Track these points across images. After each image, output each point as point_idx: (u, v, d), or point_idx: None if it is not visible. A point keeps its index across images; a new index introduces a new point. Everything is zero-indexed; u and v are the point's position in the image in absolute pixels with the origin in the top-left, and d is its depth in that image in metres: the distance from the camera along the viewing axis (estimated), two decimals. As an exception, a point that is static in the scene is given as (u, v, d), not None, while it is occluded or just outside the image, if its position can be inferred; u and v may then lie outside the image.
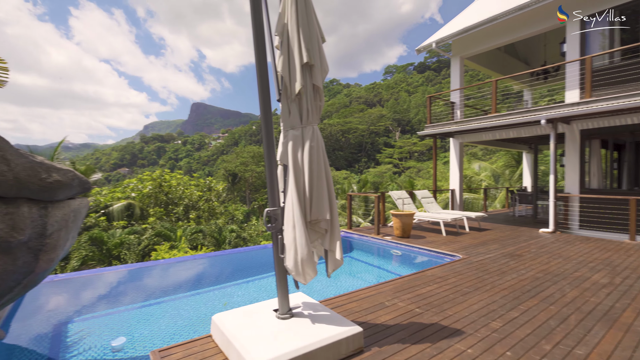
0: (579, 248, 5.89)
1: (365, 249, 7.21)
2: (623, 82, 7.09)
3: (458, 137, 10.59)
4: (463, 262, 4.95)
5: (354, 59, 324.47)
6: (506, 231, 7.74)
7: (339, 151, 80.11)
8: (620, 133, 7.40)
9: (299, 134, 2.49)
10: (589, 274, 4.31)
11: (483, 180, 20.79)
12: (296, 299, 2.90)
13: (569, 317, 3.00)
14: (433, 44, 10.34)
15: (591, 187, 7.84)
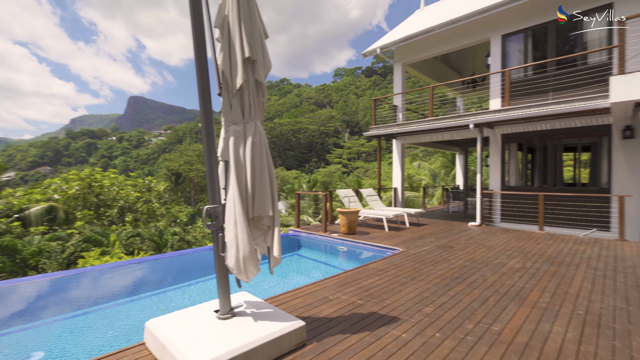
0: (500, 238, 6.66)
1: (313, 247, 7.32)
2: (535, 93, 8.18)
3: (400, 138, 11.26)
4: (402, 255, 5.29)
5: (305, 60, 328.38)
6: (441, 225, 8.44)
7: (289, 151, 79.87)
8: (532, 137, 8.52)
9: (241, 130, 2.45)
10: (506, 261, 4.90)
11: (423, 180, 22.39)
12: (239, 299, 2.85)
13: (489, 299, 3.38)
14: (377, 49, 10.85)
15: (510, 185, 8.91)
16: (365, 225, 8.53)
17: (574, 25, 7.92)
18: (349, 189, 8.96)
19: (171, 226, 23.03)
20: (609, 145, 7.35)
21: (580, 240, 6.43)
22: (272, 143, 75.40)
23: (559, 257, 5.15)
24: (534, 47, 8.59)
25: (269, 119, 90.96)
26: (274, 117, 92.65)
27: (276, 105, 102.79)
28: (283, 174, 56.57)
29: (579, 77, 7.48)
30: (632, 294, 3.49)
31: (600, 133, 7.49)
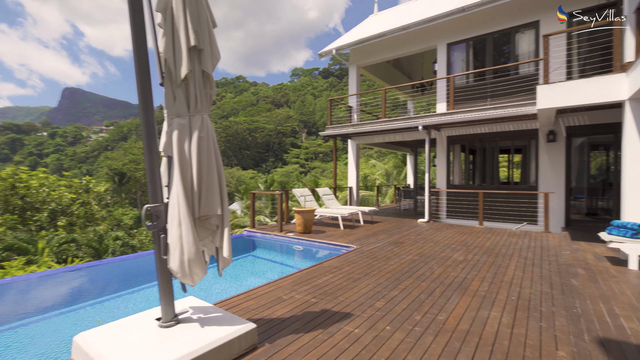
0: (445, 233, 7.11)
1: (269, 247, 7.18)
2: (475, 99, 8.88)
3: (355, 138, 11.53)
4: (356, 252, 5.40)
5: (262, 58, 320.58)
6: (393, 222, 8.79)
7: (245, 150, 77.85)
8: (473, 140, 9.24)
9: (186, 123, 2.29)
10: (450, 254, 5.23)
11: (377, 179, 23.22)
12: (185, 304, 2.67)
13: (435, 290, 3.57)
14: (333, 50, 11.00)
15: (454, 184, 9.57)
16: (321, 224, 8.58)
17: (507, 39, 8.75)
18: (305, 189, 8.96)
19: (113, 230, 21.15)
20: (536, 148, 8.23)
21: (513, 233, 7.11)
22: (227, 142, 72.91)
23: (496, 248, 5.63)
24: (475, 56, 9.32)
25: (224, 117, 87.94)
26: (229, 115, 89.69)
27: (232, 103, 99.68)
28: (239, 173, 55.01)
29: (512, 86, 8.27)
30: (555, 280, 3.92)
31: (529, 136, 8.35)
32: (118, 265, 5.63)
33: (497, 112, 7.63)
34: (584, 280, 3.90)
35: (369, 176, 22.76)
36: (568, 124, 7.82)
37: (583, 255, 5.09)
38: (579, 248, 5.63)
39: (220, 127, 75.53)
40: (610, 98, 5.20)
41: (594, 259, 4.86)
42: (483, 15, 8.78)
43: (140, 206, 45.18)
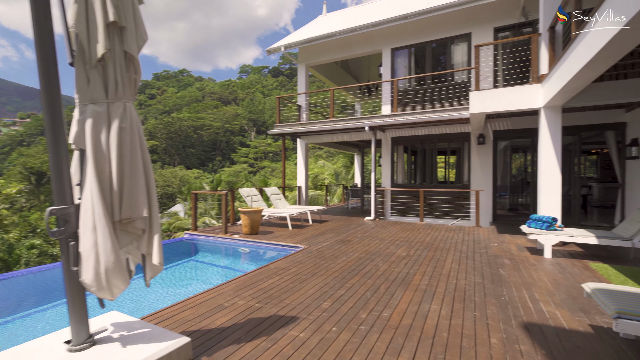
0: (390, 230, 7.38)
1: (212, 250, 6.76)
2: (417, 102, 9.39)
3: (304, 138, 11.47)
4: (304, 252, 5.31)
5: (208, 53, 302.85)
6: (341, 221, 8.90)
7: (190, 148, 73.46)
8: (414, 141, 9.77)
9: (103, 111, 1.97)
10: (394, 250, 5.42)
11: (326, 179, 23.53)
12: (105, 321, 2.31)
13: (380, 287, 3.62)
14: (282, 47, 10.81)
15: (398, 183, 10.02)
16: (269, 224, 8.35)
17: (444, 49, 9.41)
18: (253, 188, 8.64)
19: (28, 238, 18.33)
20: (469, 150, 8.97)
21: (450, 229, 7.64)
22: (169, 139, 68.07)
23: (435, 243, 5.97)
24: (416, 63, 9.87)
25: (166, 113, 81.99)
26: (172, 111, 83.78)
27: (174, 98, 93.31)
28: (182, 173, 51.73)
29: (449, 92, 8.91)
30: (485, 270, 4.25)
31: (463, 139, 9.08)
32: (28, 278, 4.82)
33: (436, 115, 8.15)
34: (510, 269, 4.28)
35: (319, 176, 22.96)
36: (495, 129, 8.65)
37: (508, 247, 5.63)
38: (504, 240, 6.23)
39: (162, 124, 70.26)
40: (529, 105, 5.84)
41: (517, 250, 5.40)
42: (423, 24, 9.33)
43: None
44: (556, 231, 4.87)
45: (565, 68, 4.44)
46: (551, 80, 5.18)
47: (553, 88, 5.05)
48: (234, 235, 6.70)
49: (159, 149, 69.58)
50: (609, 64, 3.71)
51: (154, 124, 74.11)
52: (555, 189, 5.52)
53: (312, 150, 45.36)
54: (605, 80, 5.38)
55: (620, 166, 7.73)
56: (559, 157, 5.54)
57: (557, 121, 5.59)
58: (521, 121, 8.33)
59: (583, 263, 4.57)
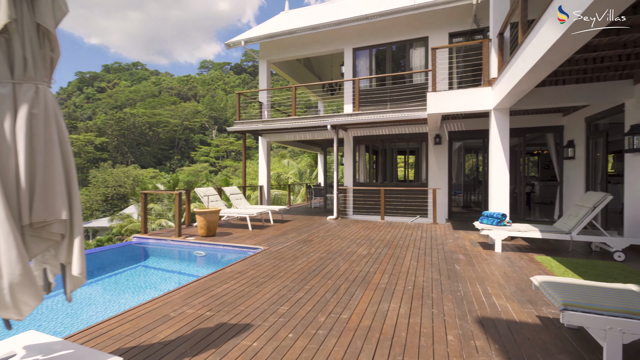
0: (352, 229, 7.38)
1: (164, 255, 6.28)
2: (378, 102, 9.52)
3: (265, 136, 11.17)
4: (264, 253, 5.09)
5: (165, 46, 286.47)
6: (303, 221, 8.77)
7: (145, 146, 68.95)
8: (375, 140, 9.91)
9: (8, 93, 1.63)
10: (356, 249, 5.39)
11: (290, 178, 23.28)
12: (17, 343, 1.95)
13: (340, 287, 3.53)
14: (242, 41, 10.42)
15: (360, 182, 10.11)
16: (229, 225, 7.97)
17: (403, 52, 9.66)
18: (210, 188, 8.20)
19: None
20: (426, 150, 9.29)
21: (409, 226, 7.83)
22: (121, 136, 63.34)
23: (395, 241, 6.05)
24: (377, 64, 10.02)
25: (118, 108, 76.23)
26: (124, 106, 78.02)
27: (127, 92, 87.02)
28: (136, 172, 48.43)
29: (408, 93, 9.15)
30: (442, 266, 4.34)
31: (421, 139, 9.37)
32: None
33: (395, 115, 8.31)
34: (464, 264, 4.42)
35: (282, 175, 22.64)
36: (450, 129, 9.04)
37: (463, 243, 5.86)
38: (459, 236, 6.48)
39: (113, 119, 65.22)
40: (481, 107, 6.12)
41: (470, 245, 5.63)
42: (383, 25, 9.49)
43: None
44: (505, 227, 5.14)
45: (513, 72, 4.69)
46: (500, 83, 5.46)
47: (502, 91, 5.33)
48: (188, 238, 6.27)
49: (109, 146, 64.45)
50: (551, 69, 3.96)
51: (103, 119, 68.54)
52: (503, 186, 5.84)
53: (277, 149, 44.82)
54: (547, 86, 5.79)
55: (558, 166, 8.43)
56: (507, 157, 5.87)
57: (505, 122, 5.92)
58: (474, 123, 8.78)
59: (529, 256, 4.86)
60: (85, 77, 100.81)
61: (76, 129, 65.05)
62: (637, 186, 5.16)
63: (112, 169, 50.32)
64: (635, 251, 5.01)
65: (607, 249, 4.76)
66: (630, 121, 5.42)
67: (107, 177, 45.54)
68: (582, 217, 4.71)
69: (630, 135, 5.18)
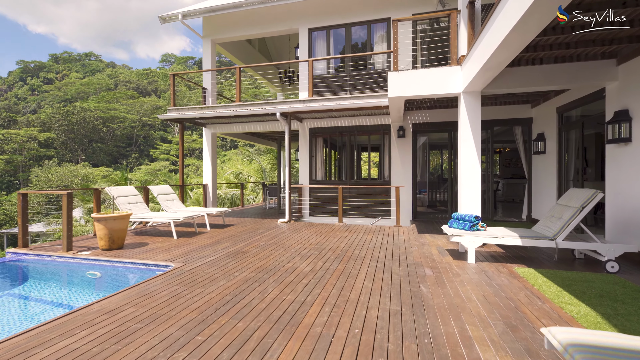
0: (302, 235, 6.21)
1: (45, 277, 4.71)
2: (336, 90, 8.43)
3: (210, 127, 9.70)
4: (170, 274, 3.76)
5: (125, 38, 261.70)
6: (248, 225, 7.46)
7: (98, 143, 63.33)
8: (334, 133, 8.83)
9: None
10: (299, 263, 4.21)
11: (251, 176, 21.70)
12: None
13: (253, 336, 2.32)
14: (180, 15, 8.86)
15: (317, 179, 8.98)
16: (151, 233, 6.46)
17: (364, 33, 8.64)
18: (130, 187, 6.65)
19: None
20: (389, 144, 8.35)
21: (369, 230, 6.81)
22: (70, 132, 57.50)
23: (349, 250, 4.96)
24: (335, 47, 8.93)
25: (68, 101, 69.43)
26: (75, 100, 71.08)
27: (78, 84, 79.53)
28: (85, 171, 44.10)
29: (369, 79, 8.15)
30: (404, 289, 3.28)
31: (383, 132, 8.42)
32: None
33: (354, 102, 7.26)
34: (433, 284, 3.40)
35: (242, 173, 21.01)
36: (414, 121, 8.16)
37: (429, 251, 4.89)
38: (425, 242, 5.53)
39: (60, 113, 59.15)
40: (449, 90, 5.20)
41: (438, 254, 4.67)
42: (342, 3, 8.42)
43: None
44: (479, 232, 4.22)
45: (484, 46, 3.79)
46: (470, 60, 4.56)
47: (472, 69, 4.42)
48: (81, 253, 4.75)
49: (56, 142, 58.42)
50: (527, 40, 3.13)
51: (49, 113, 62.10)
52: (475, 184, 4.96)
53: (243, 147, 42.61)
54: (522, 65, 4.99)
55: (527, 161, 7.84)
56: (479, 149, 4.99)
57: (476, 108, 5.04)
58: (440, 114, 7.97)
59: (508, 268, 3.96)
60: (29, 66, 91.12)
61: (16, 123, 58.15)
62: (622, 183, 4.46)
63: (58, 167, 45.53)
64: (627, 260, 4.30)
65: (596, 256, 3.98)
66: (612, 107, 4.73)
67: (50, 177, 41.04)
68: (568, 219, 3.88)
69: (615, 124, 4.48)
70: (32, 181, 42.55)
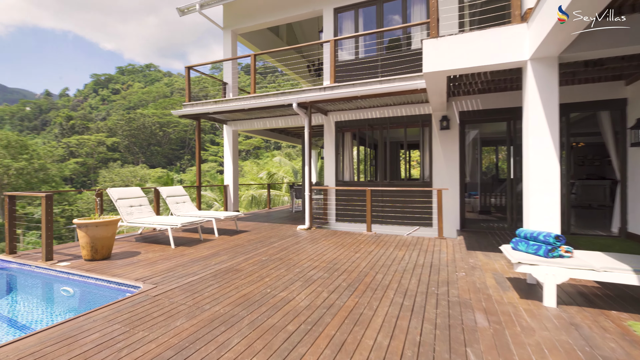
0: (317, 248, 5.14)
1: (23, 289, 4.21)
2: (364, 76, 7.22)
3: (231, 124, 9.05)
4: (128, 301, 2.92)
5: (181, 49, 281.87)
6: (263, 231, 6.58)
7: (155, 146, 68.63)
8: (363, 126, 7.61)
9: None
10: (297, 292, 3.15)
11: (285, 177, 21.12)
12: None
13: None
14: (197, 4, 8.31)
15: (344, 180, 7.84)
16: (155, 240, 5.84)
17: (398, 8, 7.32)
18: (134, 188, 6.12)
19: None
20: (430, 137, 6.94)
21: (402, 242, 5.51)
22: (132, 136, 62.98)
23: (370, 272, 3.78)
24: (365, 28, 7.70)
25: (130, 109, 76.26)
26: (137, 107, 77.83)
27: (140, 93, 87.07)
28: (143, 172, 47.75)
29: (405, 61, 6.83)
30: (441, 355, 2.06)
31: (423, 123, 7.02)
32: None
33: (384, 86, 6.00)
34: (488, 348, 2.13)
35: (275, 174, 20.50)
36: (461, 109, 6.66)
37: (482, 279, 3.53)
38: (476, 264, 4.14)
39: (123, 120, 65.33)
40: (509, 58, 3.77)
41: (495, 286, 3.30)
42: (373, -26, 7.20)
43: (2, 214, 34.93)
44: (563, 259, 2.80)
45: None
46: (541, 13, 3.14)
47: (545, 25, 3.01)
48: (59, 264, 4.17)
49: (120, 146, 64.36)
50: None
51: (115, 120, 68.66)
52: (551, 188, 3.49)
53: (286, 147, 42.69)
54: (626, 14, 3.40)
55: (619, 156, 5.94)
56: (557, 141, 3.51)
57: (551, 82, 3.57)
58: (495, 99, 6.39)
59: (615, 321, 2.51)
60: (100, 79, 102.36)
61: (88, 129, 65.35)
62: None
63: (120, 168, 49.83)
64: None
65: None
66: None
67: (114, 177, 44.98)
68: None
69: None
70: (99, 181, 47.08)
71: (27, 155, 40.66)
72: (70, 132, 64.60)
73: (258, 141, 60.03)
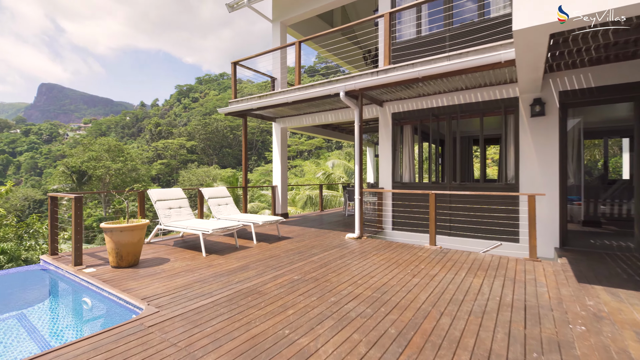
0: (366, 265, 4.16)
1: (54, 297, 4.11)
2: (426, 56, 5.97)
3: (279, 121, 8.54)
4: (116, 332, 2.37)
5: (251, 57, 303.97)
6: (307, 239, 5.82)
7: (227, 148, 74.63)
8: (426, 118, 6.33)
9: None
10: (322, 340, 2.27)
11: (342, 177, 20.28)
12: None
13: None
14: None
15: (403, 181, 6.66)
16: (191, 246, 5.52)
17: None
18: (176, 189, 5.90)
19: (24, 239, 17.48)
20: (515, 128, 5.39)
21: (478, 263, 4.21)
22: (207, 139, 69.40)
23: (433, 314, 2.70)
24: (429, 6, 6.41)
25: (207, 114, 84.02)
26: (212, 113, 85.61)
27: (214, 100, 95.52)
28: (215, 172, 51.90)
29: (481, 32, 5.41)
30: None
31: (506, 110, 5.51)
32: None
33: (453, 62, 4.70)
34: None
35: (331, 175, 19.80)
36: (562, 88, 5.00)
37: (619, 342, 2.19)
38: (600, 310, 2.75)
39: (200, 125, 72.72)
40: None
41: (649, 364, 1.97)
42: None
43: (105, 206, 40.98)
44: None
45: None
46: None
47: None
48: (86, 269, 3.96)
49: (197, 148, 71.44)
50: None
51: (193, 125, 76.54)
52: None
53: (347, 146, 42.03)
54: None
55: None
56: None
57: None
58: (613, 72, 4.63)
59: None
60: (182, 89, 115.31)
61: (172, 134, 74.18)
62: None
63: (196, 169, 55.03)
64: None
65: None
66: None
67: (191, 177, 49.76)
68: None
69: None
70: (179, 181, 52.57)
71: (122, 158, 47.03)
72: (157, 137, 73.87)
73: (319, 141, 60.25)
